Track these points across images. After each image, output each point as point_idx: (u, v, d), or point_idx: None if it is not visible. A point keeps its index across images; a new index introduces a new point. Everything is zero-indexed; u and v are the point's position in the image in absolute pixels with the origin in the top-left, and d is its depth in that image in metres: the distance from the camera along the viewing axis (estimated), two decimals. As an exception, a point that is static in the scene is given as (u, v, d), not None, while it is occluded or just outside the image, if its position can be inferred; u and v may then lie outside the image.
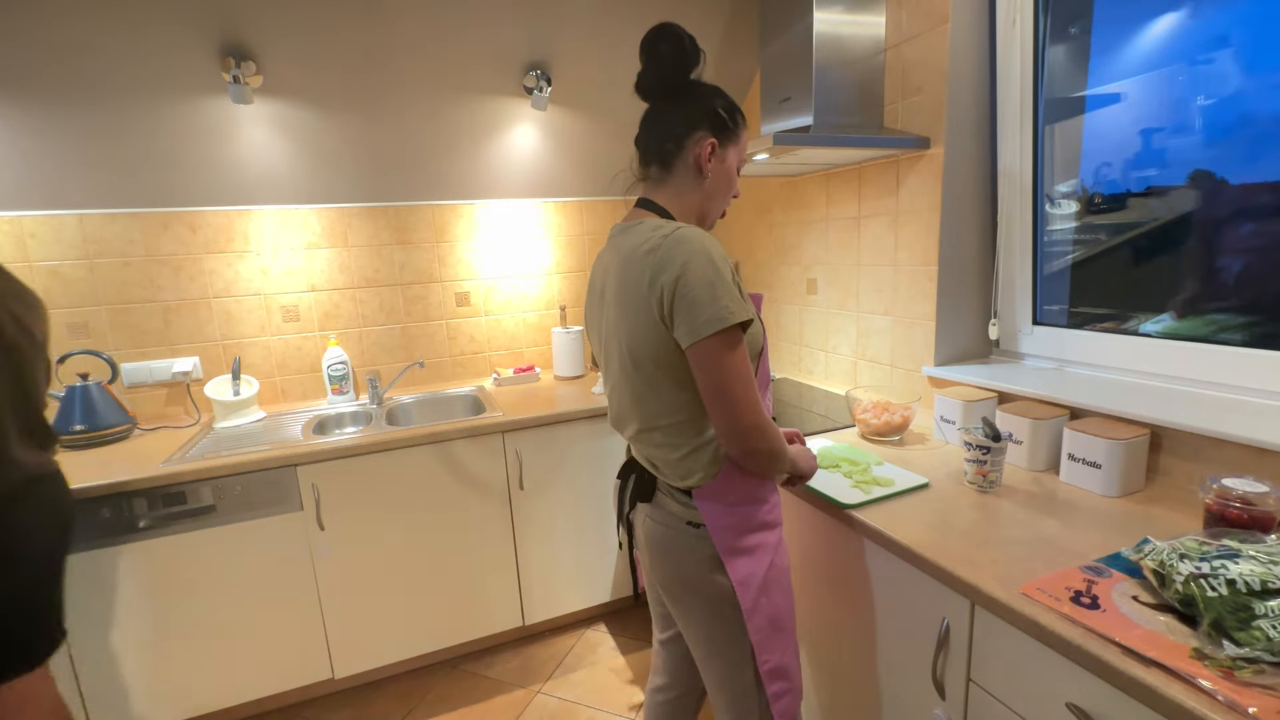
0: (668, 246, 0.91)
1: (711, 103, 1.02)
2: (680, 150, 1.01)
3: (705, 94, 1.02)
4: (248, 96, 1.80)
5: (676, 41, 0.98)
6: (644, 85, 1.02)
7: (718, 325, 0.87)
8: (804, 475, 1.13)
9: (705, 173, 1.02)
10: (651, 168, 1.05)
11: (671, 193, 1.04)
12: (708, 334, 0.88)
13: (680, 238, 0.91)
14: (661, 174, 1.04)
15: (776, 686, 1.03)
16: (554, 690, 1.92)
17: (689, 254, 0.89)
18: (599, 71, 2.16)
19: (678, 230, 0.92)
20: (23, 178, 1.85)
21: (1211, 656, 0.72)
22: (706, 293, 0.88)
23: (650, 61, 1.00)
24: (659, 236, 0.92)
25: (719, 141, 1.02)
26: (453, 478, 1.92)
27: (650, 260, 0.92)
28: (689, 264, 0.88)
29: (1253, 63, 1.20)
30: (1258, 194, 1.22)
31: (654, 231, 0.94)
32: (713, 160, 1.02)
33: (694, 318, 0.88)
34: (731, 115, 1.03)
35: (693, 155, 1.01)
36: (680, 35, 0.98)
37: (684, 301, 0.88)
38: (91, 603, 1.59)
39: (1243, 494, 0.94)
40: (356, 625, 1.88)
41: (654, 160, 1.04)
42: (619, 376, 1.04)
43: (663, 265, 0.90)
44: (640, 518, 1.12)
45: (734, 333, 0.89)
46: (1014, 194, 1.61)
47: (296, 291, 2.26)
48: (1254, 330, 1.25)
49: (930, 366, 1.70)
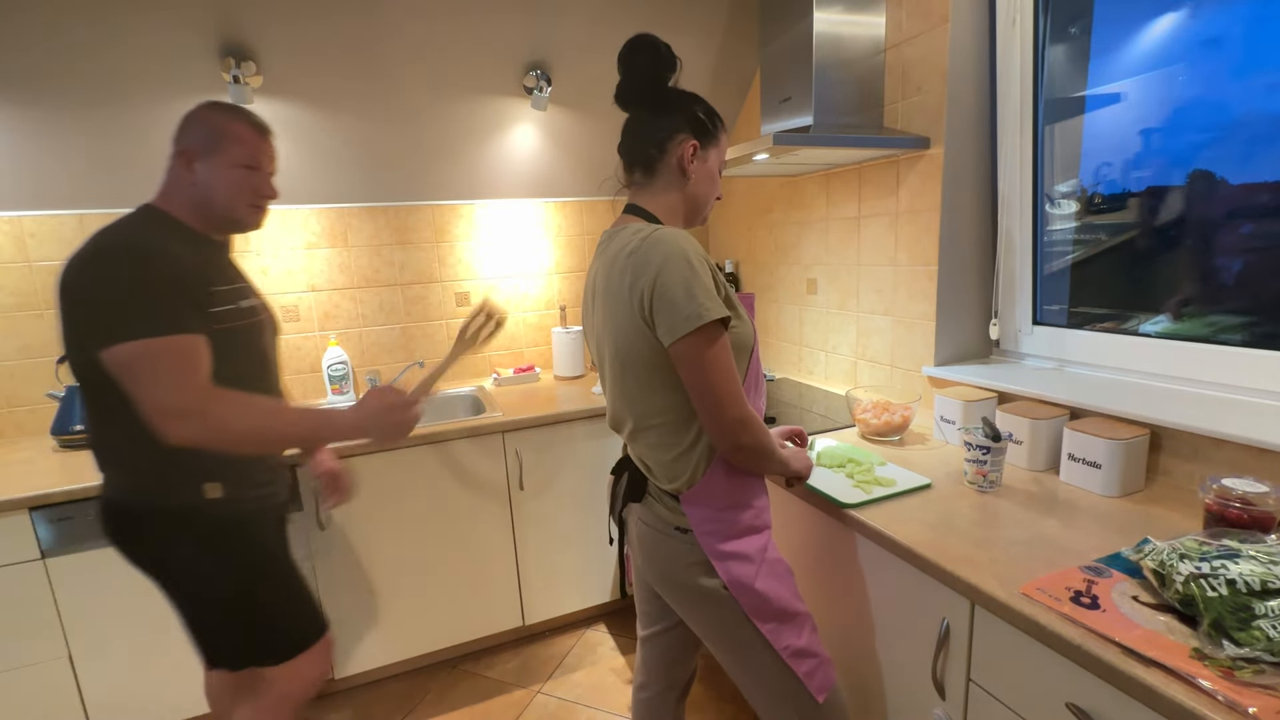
0: (645, 249, 0.93)
1: (691, 108, 1.04)
2: (663, 154, 1.04)
3: (685, 100, 1.05)
4: (248, 96, 1.80)
5: (653, 51, 1.00)
6: (623, 95, 1.05)
7: (695, 322, 0.89)
8: (799, 476, 1.13)
9: (689, 174, 1.05)
10: (636, 173, 1.07)
11: (656, 196, 1.06)
12: (686, 331, 0.90)
13: (657, 239, 0.93)
14: (645, 179, 1.06)
15: (805, 666, 1.03)
16: (554, 690, 1.92)
17: (665, 255, 0.91)
18: (599, 71, 2.16)
19: (655, 232, 0.94)
20: (23, 178, 1.85)
21: (1211, 656, 0.72)
22: (682, 291, 0.90)
23: (628, 72, 1.03)
24: (638, 239, 0.95)
25: (700, 144, 1.04)
26: (453, 478, 1.92)
27: (631, 263, 0.94)
28: (664, 265, 0.91)
29: (1252, 63, 1.20)
30: (1257, 194, 1.22)
31: (634, 235, 0.97)
32: (695, 161, 1.04)
33: (672, 316, 0.90)
34: (710, 119, 1.06)
35: (675, 158, 1.04)
36: (656, 44, 1.01)
37: (662, 301, 0.91)
38: (92, 603, 1.59)
39: (1243, 494, 0.94)
40: (356, 625, 1.88)
41: (638, 166, 1.07)
42: (612, 378, 1.06)
43: (642, 267, 0.93)
44: (632, 518, 1.13)
45: (713, 329, 0.91)
46: (1014, 194, 1.61)
47: (296, 291, 2.26)
48: (1254, 330, 1.25)
49: (930, 366, 1.70)
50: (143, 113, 1.82)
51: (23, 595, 1.53)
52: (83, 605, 1.58)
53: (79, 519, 1.54)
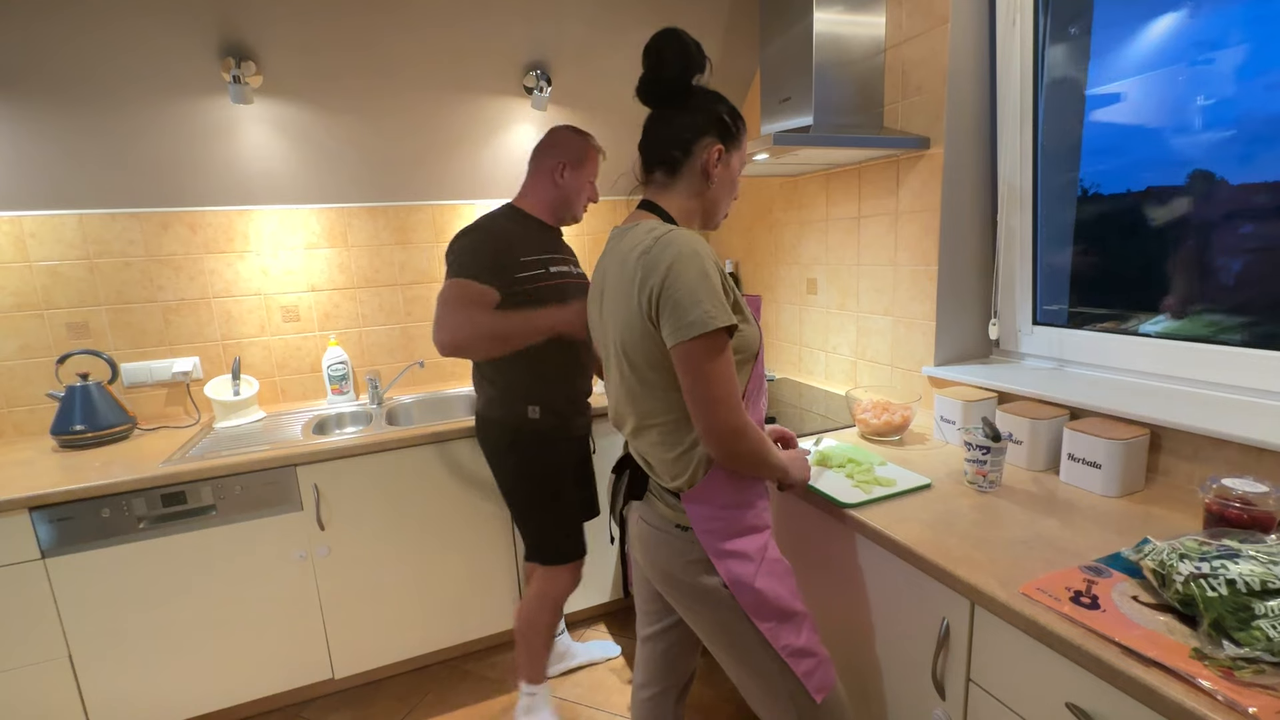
0: (658, 249, 0.92)
1: (717, 109, 1.03)
2: (688, 157, 1.02)
3: (710, 100, 1.03)
4: (248, 96, 1.80)
5: (682, 49, 0.98)
6: (648, 91, 1.02)
7: (700, 329, 0.88)
8: (796, 482, 1.13)
9: (712, 178, 1.04)
10: (656, 173, 1.06)
11: (675, 197, 1.05)
12: (689, 337, 0.89)
13: (669, 240, 0.92)
14: (667, 179, 1.05)
15: (804, 665, 1.03)
16: (554, 690, 1.92)
17: (675, 256, 0.90)
18: (599, 71, 2.16)
19: (669, 233, 0.93)
20: (23, 178, 1.85)
21: (1211, 656, 0.72)
22: (690, 296, 0.89)
23: (656, 67, 1.00)
24: (651, 239, 0.94)
25: (725, 148, 1.03)
26: (453, 478, 1.92)
27: (642, 262, 0.93)
28: (674, 267, 0.90)
29: (1252, 63, 1.20)
30: (1257, 194, 1.22)
31: (648, 234, 0.95)
32: (719, 166, 1.03)
33: (678, 320, 0.89)
34: (734, 121, 1.04)
35: (700, 162, 1.02)
36: (685, 43, 0.98)
37: (669, 303, 0.90)
38: (92, 603, 1.59)
39: (1242, 494, 0.94)
40: (356, 625, 1.88)
41: (659, 165, 1.05)
42: (616, 375, 1.05)
43: (652, 267, 0.92)
44: (633, 516, 1.13)
45: (717, 337, 0.90)
46: (1014, 194, 1.61)
47: (296, 291, 2.26)
48: (1254, 330, 1.25)
49: (930, 366, 1.70)
50: (143, 112, 1.82)
51: (23, 595, 1.53)
52: (83, 605, 1.58)
53: (79, 519, 1.55)
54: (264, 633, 1.77)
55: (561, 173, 1.55)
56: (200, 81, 1.81)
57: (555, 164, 1.55)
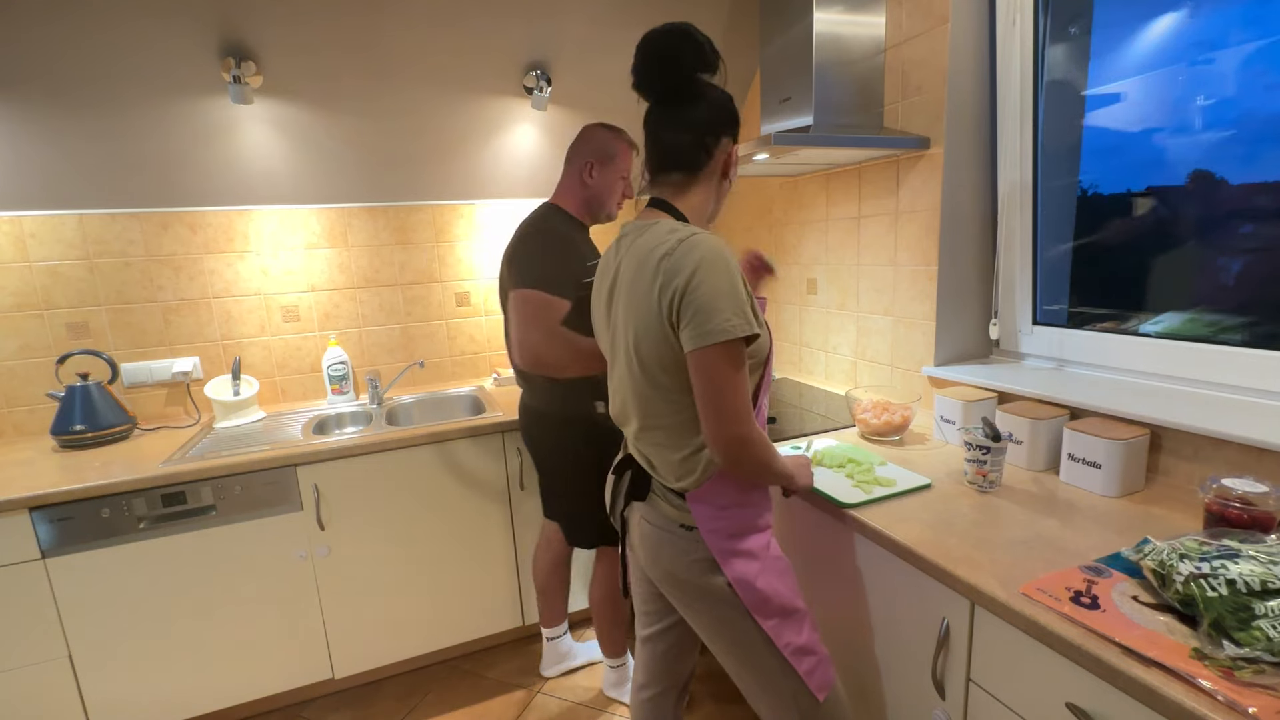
0: (682, 252, 0.91)
1: (730, 107, 1.02)
2: (710, 159, 1.02)
3: (722, 97, 1.02)
4: (248, 96, 1.80)
5: (695, 48, 0.96)
6: (654, 87, 0.99)
7: (721, 337, 0.88)
8: (800, 489, 1.13)
9: (730, 177, 1.05)
10: (674, 174, 1.03)
11: (691, 197, 1.04)
12: (708, 344, 0.88)
13: (695, 243, 0.91)
14: (684, 179, 1.03)
15: (805, 664, 1.03)
16: (554, 690, 1.92)
17: (700, 261, 0.89)
18: (599, 71, 2.16)
19: (694, 236, 0.92)
20: (23, 178, 1.85)
21: (1211, 656, 0.72)
22: (714, 303, 0.88)
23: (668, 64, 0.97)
24: (675, 240, 0.93)
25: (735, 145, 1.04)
26: (453, 478, 1.92)
27: (665, 264, 0.92)
28: (699, 271, 0.89)
29: (1252, 63, 1.20)
30: (1257, 194, 1.22)
31: (670, 235, 0.94)
32: (736, 164, 1.04)
33: (699, 325, 0.89)
34: (737, 115, 1.05)
35: (720, 162, 1.03)
36: (699, 43, 0.96)
37: (691, 308, 0.89)
38: (92, 603, 1.59)
39: (1243, 494, 0.94)
40: (356, 625, 1.88)
41: (679, 167, 1.02)
42: (624, 373, 1.04)
43: (675, 270, 0.90)
44: (635, 517, 1.13)
45: (735, 346, 0.90)
46: (1014, 194, 1.61)
47: (296, 291, 2.26)
48: (1254, 330, 1.25)
49: (930, 366, 1.70)
50: (143, 113, 1.82)
51: (23, 595, 1.53)
52: (83, 605, 1.58)
53: (79, 519, 1.55)
54: (264, 632, 1.77)
55: (590, 172, 1.55)
56: (200, 82, 1.81)
57: (584, 163, 1.55)
